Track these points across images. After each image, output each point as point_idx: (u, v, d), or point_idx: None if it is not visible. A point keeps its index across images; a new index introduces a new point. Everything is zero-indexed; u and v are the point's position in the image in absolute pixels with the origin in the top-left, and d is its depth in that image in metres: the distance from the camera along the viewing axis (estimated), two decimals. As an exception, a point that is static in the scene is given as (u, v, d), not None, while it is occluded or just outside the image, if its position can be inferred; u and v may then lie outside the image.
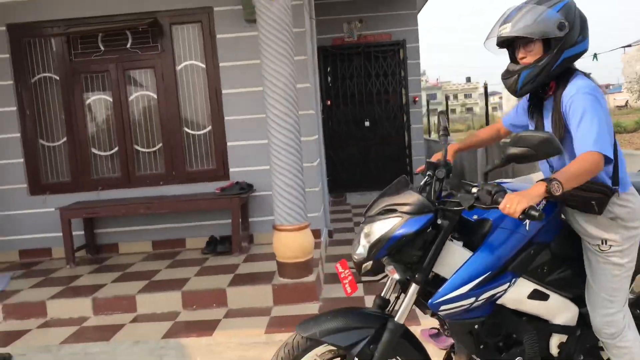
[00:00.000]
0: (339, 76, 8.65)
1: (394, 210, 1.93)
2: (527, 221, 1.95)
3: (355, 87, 8.66)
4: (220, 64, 5.18)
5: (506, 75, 2.05)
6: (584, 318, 2.18)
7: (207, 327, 3.62)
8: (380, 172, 8.71)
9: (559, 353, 2.18)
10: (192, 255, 5.03)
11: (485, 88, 7.91)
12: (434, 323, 2.68)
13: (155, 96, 5.32)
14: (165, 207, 4.87)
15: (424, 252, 1.94)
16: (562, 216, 2.15)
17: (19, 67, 5.25)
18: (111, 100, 5.33)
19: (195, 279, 4.27)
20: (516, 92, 2.03)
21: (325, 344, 1.97)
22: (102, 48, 5.27)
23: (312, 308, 3.82)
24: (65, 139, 5.36)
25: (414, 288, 1.94)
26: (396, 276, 1.88)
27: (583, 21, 1.97)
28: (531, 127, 2.22)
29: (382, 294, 2.09)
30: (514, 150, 1.73)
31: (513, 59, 2.07)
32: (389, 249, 1.90)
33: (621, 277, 2.04)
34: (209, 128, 5.32)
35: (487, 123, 9.12)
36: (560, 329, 2.14)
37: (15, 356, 3.39)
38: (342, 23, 8.56)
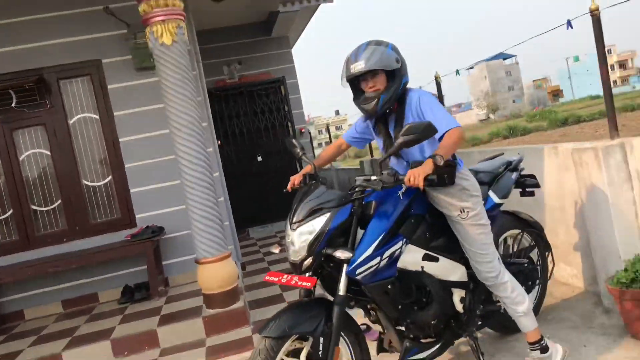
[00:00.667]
0: (226, 116, 8.93)
1: (321, 209, 2.31)
2: (401, 193, 2.50)
3: (243, 125, 8.99)
4: (115, 114, 5.24)
5: (366, 101, 2.56)
6: (473, 277, 2.73)
7: (145, 369, 3.65)
8: (278, 203, 8.97)
9: (463, 308, 2.68)
10: (109, 307, 4.93)
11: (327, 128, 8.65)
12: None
13: (48, 153, 5.21)
14: (75, 262, 4.76)
15: (345, 237, 2.36)
16: None
17: None
18: (-1, 162, 5.13)
19: (120, 327, 4.24)
20: (376, 112, 2.56)
21: (290, 339, 2.24)
22: (-17, 110, 5.09)
23: (245, 332, 3.99)
24: (-49, 208, 5.03)
25: (345, 266, 2.32)
26: (346, 255, 2.24)
27: (404, 58, 2.58)
28: (378, 139, 2.77)
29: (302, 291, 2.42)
30: (405, 138, 2.25)
31: (358, 90, 2.61)
32: (328, 240, 2.27)
33: (485, 233, 2.63)
34: (110, 178, 5.31)
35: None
36: (456, 284, 2.69)
37: None
38: (222, 66, 8.92)
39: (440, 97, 6.08)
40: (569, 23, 3.55)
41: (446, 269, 2.65)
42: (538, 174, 3.83)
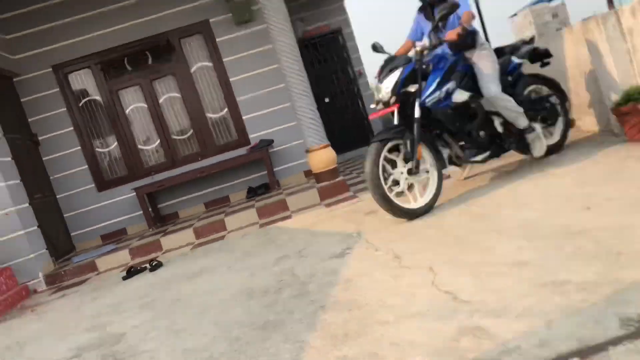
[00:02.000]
0: (295, 68, 10.39)
1: (396, 67, 3.75)
2: (449, 53, 3.93)
3: (310, 74, 10.42)
4: (224, 60, 6.79)
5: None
6: None
7: (286, 218, 5.21)
8: (347, 136, 10.48)
9: (502, 129, 4.05)
10: (241, 203, 6.56)
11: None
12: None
13: (179, 95, 6.85)
14: (215, 168, 6.41)
15: (415, 82, 3.78)
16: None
17: (67, 97, 6.64)
18: (146, 106, 6.82)
19: (257, 203, 5.84)
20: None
21: (390, 142, 3.70)
22: (129, 68, 6.76)
23: (348, 194, 5.47)
24: (116, 143, 6.78)
25: (417, 101, 3.74)
26: (415, 87, 3.70)
27: None
28: (427, 25, 4.21)
29: (394, 122, 3.88)
30: (442, 12, 3.69)
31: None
32: (403, 83, 3.71)
33: (494, 63, 4.04)
34: (226, 109, 6.90)
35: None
36: (495, 113, 4.07)
37: (164, 262, 4.84)
38: (288, 24, 10.32)
39: (478, 10, 7.28)
40: None
41: (486, 104, 4.03)
42: (560, 52, 5.09)
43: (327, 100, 10.50)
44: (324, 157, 5.64)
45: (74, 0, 6.55)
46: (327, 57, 10.51)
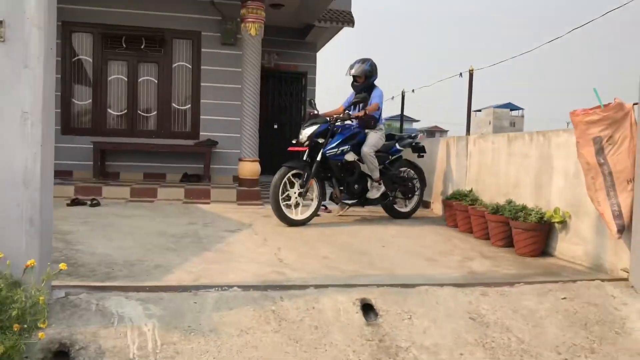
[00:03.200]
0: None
1: (316, 123, 5.50)
2: (353, 124, 5.73)
3: (269, 100, 12.10)
4: (202, 67, 8.34)
5: (357, 88, 5.90)
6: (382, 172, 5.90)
7: (205, 204, 6.74)
8: (286, 159, 12.14)
9: (371, 187, 5.86)
10: (175, 183, 8.01)
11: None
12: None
13: (156, 81, 8.31)
14: (165, 148, 7.87)
15: (325, 138, 5.52)
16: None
17: (65, 50, 7.94)
18: (126, 79, 8.22)
19: (187, 186, 7.33)
20: (360, 90, 5.89)
21: (295, 169, 5.39)
22: (124, 45, 8.18)
23: (258, 203, 7.07)
24: (90, 100, 8.11)
25: (321, 150, 5.47)
26: (322, 140, 5.42)
27: (376, 67, 5.90)
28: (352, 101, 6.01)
29: (303, 157, 5.59)
30: (357, 99, 5.55)
31: (354, 80, 5.93)
32: (317, 136, 5.45)
33: (379, 138, 5.91)
34: (189, 105, 8.41)
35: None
36: (369, 176, 5.85)
37: (102, 204, 6.23)
38: (264, 53, 12.01)
39: (402, 109, 9.30)
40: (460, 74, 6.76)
41: (366, 168, 5.82)
42: (436, 152, 7.01)
43: (275, 126, 12.18)
44: (250, 168, 7.26)
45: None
46: (287, 92, 12.27)
